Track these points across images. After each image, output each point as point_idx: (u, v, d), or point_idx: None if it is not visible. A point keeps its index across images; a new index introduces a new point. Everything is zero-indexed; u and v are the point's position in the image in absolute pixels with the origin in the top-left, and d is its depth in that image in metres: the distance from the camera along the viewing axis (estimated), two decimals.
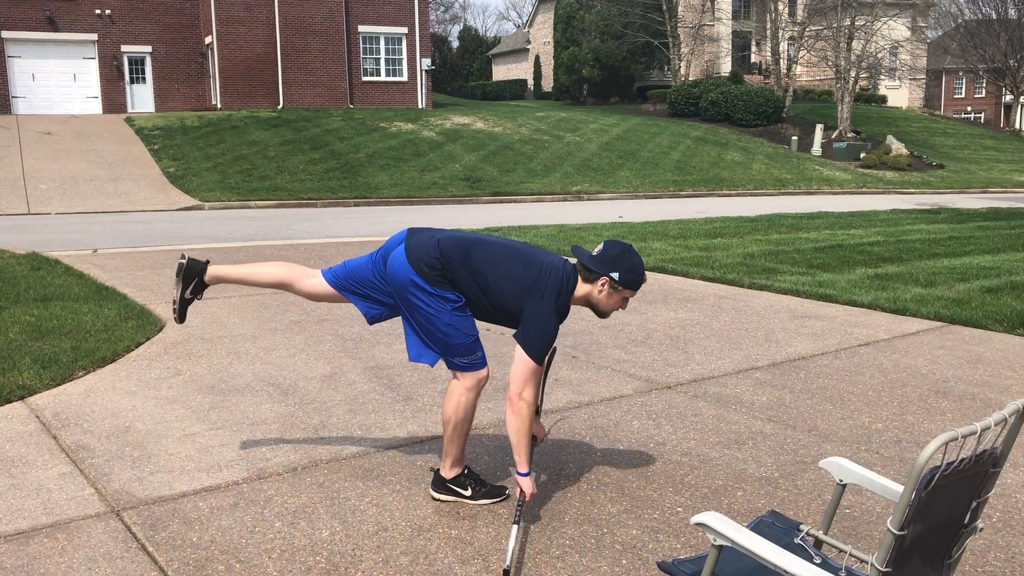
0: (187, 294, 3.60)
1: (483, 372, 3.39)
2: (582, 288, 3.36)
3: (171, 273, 9.17)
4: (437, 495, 3.53)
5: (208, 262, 3.64)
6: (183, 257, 3.60)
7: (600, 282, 3.31)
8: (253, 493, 3.59)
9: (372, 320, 3.56)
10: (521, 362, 3.23)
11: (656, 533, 3.27)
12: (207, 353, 5.88)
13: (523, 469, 3.21)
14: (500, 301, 3.31)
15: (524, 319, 3.27)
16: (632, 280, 3.30)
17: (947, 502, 1.90)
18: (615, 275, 3.28)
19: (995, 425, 1.86)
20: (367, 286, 3.48)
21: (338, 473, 3.81)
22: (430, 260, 3.29)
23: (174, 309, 3.64)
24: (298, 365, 5.59)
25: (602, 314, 3.41)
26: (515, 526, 3.04)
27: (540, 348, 3.23)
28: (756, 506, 3.52)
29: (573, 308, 7.51)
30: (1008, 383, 5.32)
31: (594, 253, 3.35)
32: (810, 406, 4.83)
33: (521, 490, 3.19)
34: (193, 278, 3.59)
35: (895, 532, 1.78)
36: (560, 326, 3.48)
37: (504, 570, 2.90)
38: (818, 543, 2.45)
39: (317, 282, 3.57)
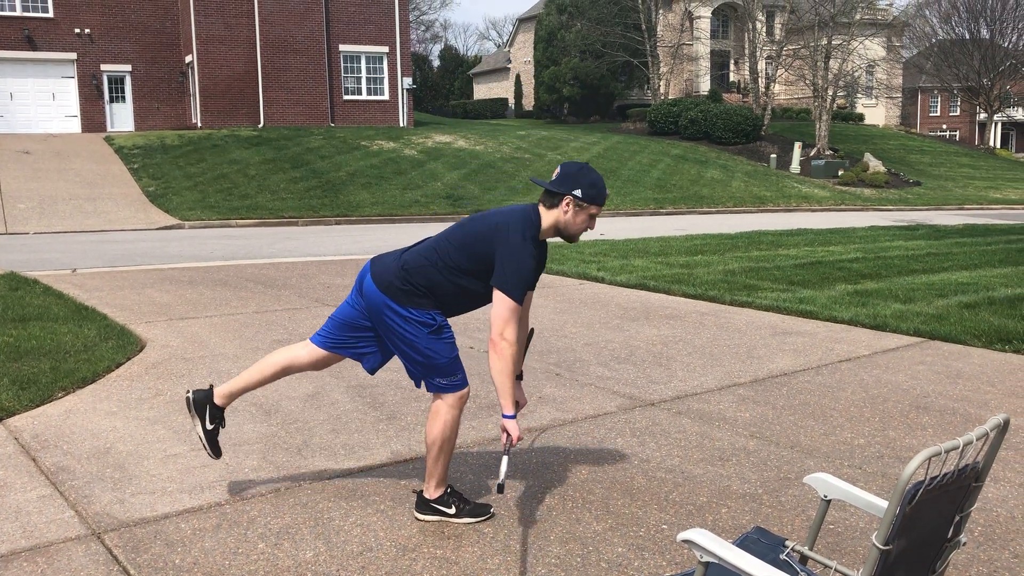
0: (208, 425, 3.59)
1: (465, 391, 3.40)
2: (548, 216, 3.36)
3: (152, 292, 9.11)
4: (421, 516, 3.51)
5: (212, 387, 3.64)
6: (188, 392, 3.61)
7: (564, 202, 3.32)
8: (236, 514, 3.56)
9: (373, 370, 3.57)
10: (500, 302, 3.22)
11: (642, 550, 3.27)
12: (188, 373, 5.84)
13: (509, 411, 3.21)
14: (475, 267, 3.30)
15: (497, 263, 3.25)
16: (595, 195, 3.32)
17: (931, 517, 1.92)
18: (577, 192, 3.30)
19: (977, 440, 1.88)
20: (355, 327, 3.48)
21: (322, 493, 3.78)
22: (398, 280, 3.32)
23: (204, 446, 3.60)
24: (280, 385, 5.56)
25: (572, 237, 3.40)
26: (505, 456, 3.17)
27: (517, 285, 3.22)
28: (741, 522, 3.52)
29: (553, 327, 7.52)
30: (987, 398, 5.37)
31: (553, 178, 3.36)
32: (793, 422, 4.85)
33: (508, 433, 3.20)
34: (205, 406, 3.59)
35: (880, 547, 1.79)
36: (539, 274, 3.47)
37: (498, 485, 3.08)
38: (803, 559, 2.46)
39: (312, 350, 3.57)
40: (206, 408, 3.58)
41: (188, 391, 3.62)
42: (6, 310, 7.69)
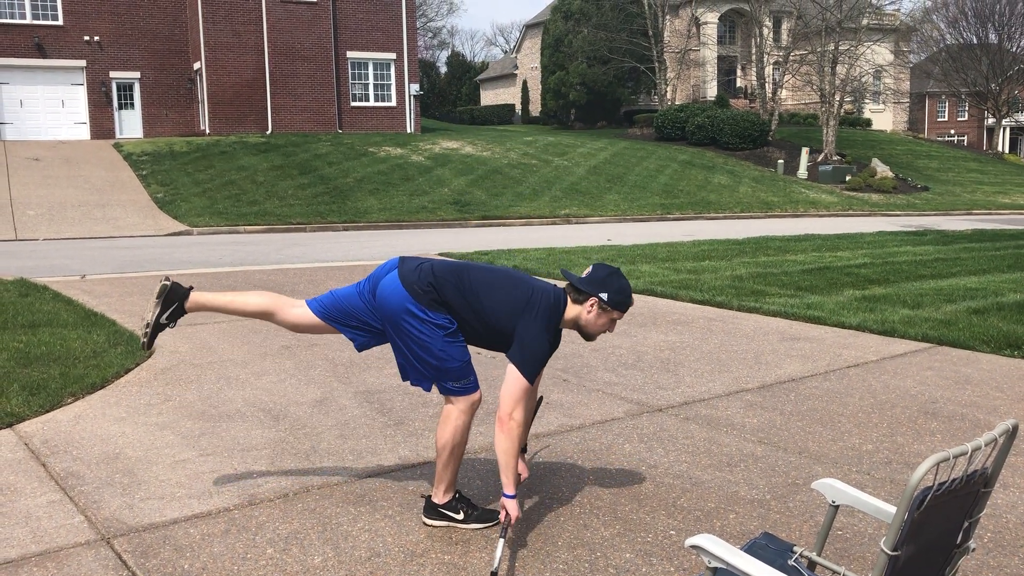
0: (163, 319, 3.53)
1: (476, 395, 3.40)
2: (572, 310, 3.39)
3: None
4: (429, 522, 3.52)
5: (192, 288, 3.62)
6: (166, 279, 3.56)
7: (589, 303, 3.35)
8: (244, 519, 3.57)
9: (361, 348, 3.56)
10: (513, 381, 3.25)
11: (649, 556, 3.27)
12: (197, 379, 5.86)
13: (510, 491, 3.21)
14: (493, 323, 3.33)
15: (517, 338, 3.29)
16: (620, 301, 3.35)
17: (939, 522, 1.92)
18: (604, 296, 3.32)
19: (985, 445, 1.88)
20: (355, 314, 3.48)
21: (330, 499, 3.79)
22: (424, 283, 3.31)
23: (144, 333, 3.51)
24: (288, 390, 5.58)
25: (590, 336, 3.44)
26: (501, 539, 3.10)
27: (532, 368, 3.26)
28: (749, 528, 3.52)
29: (564, 333, 7.52)
30: (996, 403, 5.35)
31: (583, 275, 3.39)
32: (800, 428, 4.84)
33: (507, 512, 3.19)
34: (173, 303, 3.53)
35: (889, 553, 1.79)
36: (553, 353, 3.51)
37: (492, 573, 2.98)
38: (812, 565, 2.46)
39: (302, 312, 3.55)
40: (173, 304, 3.53)
41: (166, 278, 3.56)
42: (16, 316, 7.73)
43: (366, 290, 3.46)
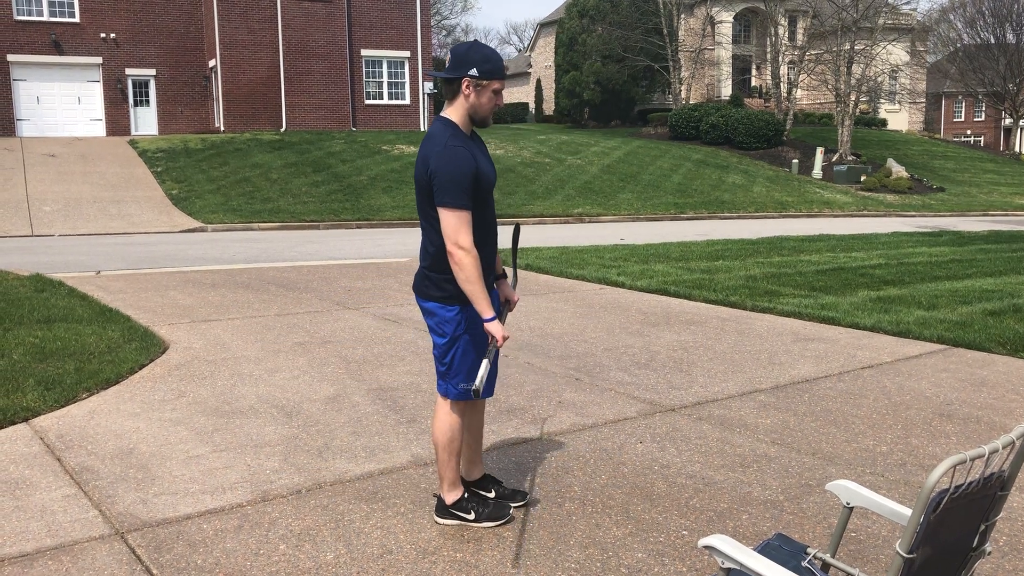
0: (491, 503, 3.59)
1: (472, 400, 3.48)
2: (456, 110, 3.26)
3: (175, 295, 9.19)
4: (441, 520, 3.52)
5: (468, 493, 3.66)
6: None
7: (464, 86, 3.22)
8: (257, 515, 3.58)
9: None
10: (443, 217, 3.14)
11: (662, 556, 3.26)
12: (211, 375, 5.88)
13: (487, 315, 3.17)
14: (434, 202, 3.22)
15: (434, 184, 3.16)
16: (491, 68, 3.21)
17: (955, 525, 1.90)
18: (473, 71, 3.19)
19: (1003, 448, 1.86)
20: None
21: (342, 496, 3.80)
22: (419, 271, 3.40)
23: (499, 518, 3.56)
24: (302, 387, 5.59)
25: (484, 120, 3.28)
26: (485, 360, 3.16)
27: (455, 193, 3.12)
28: (762, 529, 3.51)
29: (573, 332, 7.51)
30: (1012, 406, 5.31)
31: (446, 67, 3.26)
32: (814, 429, 4.82)
33: (492, 335, 3.19)
34: (475, 499, 3.58)
35: (904, 555, 1.78)
36: (492, 169, 3.36)
37: (473, 389, 3.05)
38: (825, 566, 2.45)
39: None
40: (473, 500, 3.57)
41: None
42: (32, 311, 7.78)
43: None
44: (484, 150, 3.36)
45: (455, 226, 3.12)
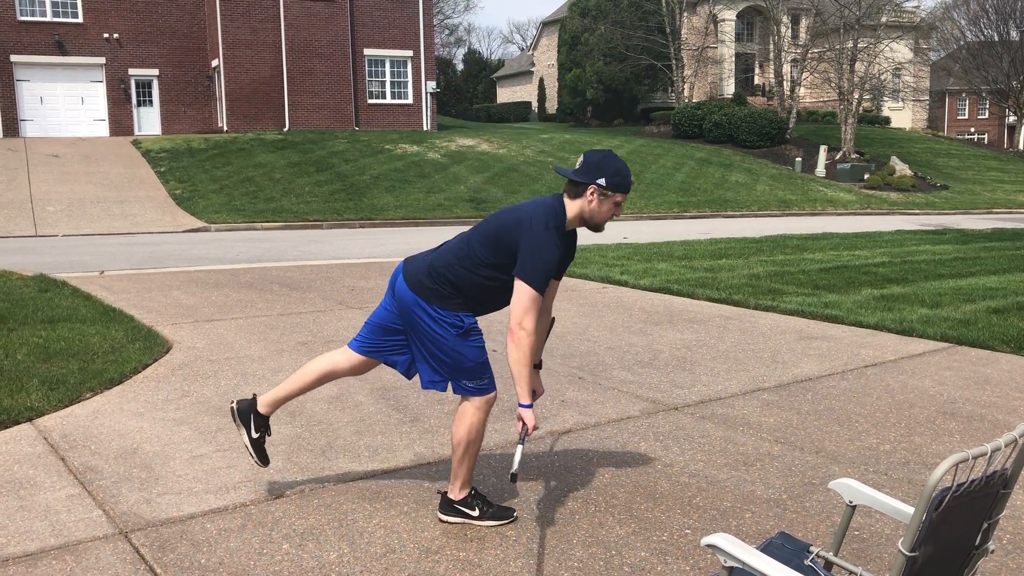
0: (254, 434, 3.62)
1: (492, 394, 3.41)
2: (573, 207, 3.33)
3: (178, 295, 9.20)
4: (445, 518, 3.53)
5: (255, 396, 3.67)
6: (232, 403, 3.65)
7: (589, 192, 3.29)
8: (261, 515, 3.59)
9: (408, 373, 3.56)
10: (521, 291, 3.21)
11: (665, 555, 3.26)
12: (214, 374, 5.89)
13: (525, 400, 3.21)
14: (500, 262, 3.29)
15: (520, 254, 3.24)
16: (620, 182, 3.29)
17: (958, 523, 1.90)
18: (602, 181, 3.27)
19: (1005, 446, 1.86)
20: (390, 330, 3.49)
21: (345, 495, 3.80)
22: (427, 278, 3.35)
23: (251, 455, 3.63)
24: None
25: (598, 227, 3.38)
26: (519, 445, 3.17)
27: (539, 275, 3.20)
28: (765, 528, 3.51)
29: (576, 331, 7.51)
30: (1016, 404, 5.30)
31: (576, 167, 3.33)
32: (817, 427, 4.82)
33: (524, 423, 3.20)
34: (249, 416, 3.62)
35: (907, 554, 1.78)
36: (567, 265, 3.49)
37: (512, 474, 3.08)
38: (828, 565, 2.45)
39: (350, 356, 3.59)
40: (250, 417, 3.61)
41: (232, 402, 3.66)
42: (36, 311, 7.80)
43: (388, 296, 3.49)
44: (572, 247, 3.46)
45: (526, 307, 3.20)
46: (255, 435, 3.61)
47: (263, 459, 3.64)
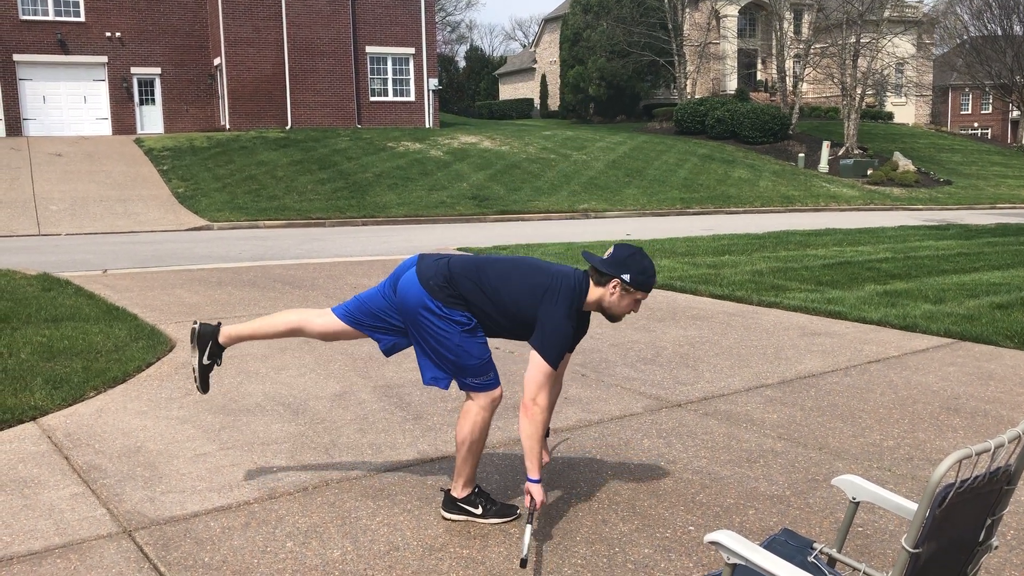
0: (205, 360, 3.62)
1: (496, 392, 3.40)
2: (594, 293, 3.38)
3: (181, 293, 9.21)
4: (448, 515, 3.53)
5: (220, 324, 3.67)
6: (195, 323, 3.65)
7: (612, 285, 3.34)
8: (264, 513, 3.59)
9: (388, 351, 3.57)
10: (535, 366, 3.25)
11: (668, 552, 3.26)
12: (217, 373, 5.90)
13: (534, 476, 3.21)
14: (514, 312, 3.34)
15: (538, 324, 3.29)
16: (643, 281, 3.33)
17: (961, 520, 1.90)
18: (626, 277, 3.31)
19: (1009, 442, 1.85)
20: (380, 316, 3.50)
21: (349, 492, 3.81)
22: (441, 280, 3.33)
23: (195, 378, 3.65)
24: (308, 384, 5.60)
25: (614, 318, 3.44)
26: (528, 525, 3.09)
27: (553, 352, 3.25)
28: (768, 524, 3.50)
29: (591, 325, 7.50)
30: (1020, 400, 5.29)
31: (604, 257, 3.37)
32: (821, 423, 4.81)
33: (532, 497, 3.19)
34: (207, 341, 3.63)
35: (910, 550, 1.78)
36: (579, 340, 3.54)
37: (521, 559, 2.99)
38: (831, 561, 2.44)
39: (328, 320, 3.58)
40: (208, 342, 3.62)
41: (195, 321, 3.66)
42: (39, 310, 7.81)
43: (388, 288, 3.49)
44: (585, 327, 3.53)
45: (540, 383, 3.24)
46: (206, 361, 3.63)
47: (205, 386, 3.65)
